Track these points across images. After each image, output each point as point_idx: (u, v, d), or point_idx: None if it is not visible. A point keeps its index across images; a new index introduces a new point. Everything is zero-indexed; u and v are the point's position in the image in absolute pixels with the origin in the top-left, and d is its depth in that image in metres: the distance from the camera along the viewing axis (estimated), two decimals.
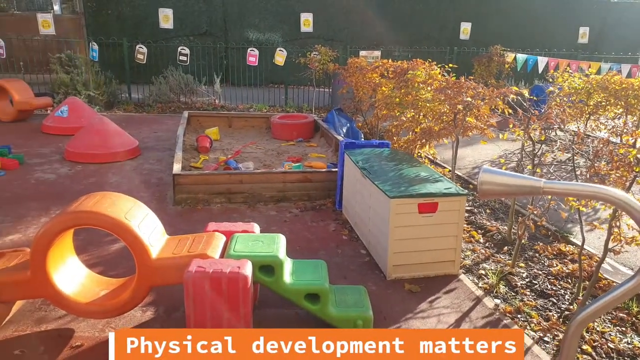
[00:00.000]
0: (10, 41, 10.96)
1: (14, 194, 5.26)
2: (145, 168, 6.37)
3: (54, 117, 8.00)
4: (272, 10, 13.89)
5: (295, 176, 5.37)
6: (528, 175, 2.20)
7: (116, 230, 2.83)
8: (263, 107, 10.72)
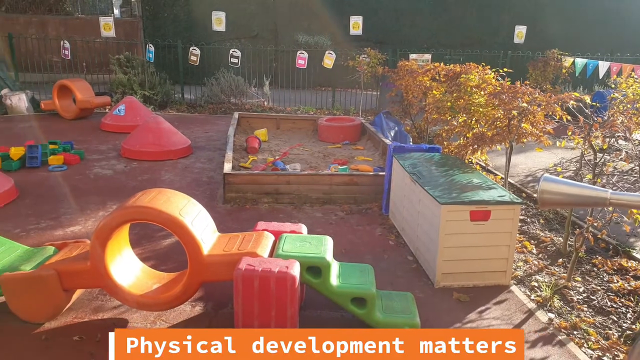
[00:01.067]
0: (74, 43, 11.55)
1: (75, 188, 5.53)
2: (197, 167, 6.54)
3: (112, 116, 8.36)
4: (322, 14, 13.97)
5: (341, 179, 5.36)
6: (592, 185, 2.10)
7: (170, 226, 2.91)
8: (310, 110, 10.79)
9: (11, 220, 4.59)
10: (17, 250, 3.32)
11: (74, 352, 2.84)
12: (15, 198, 5.10)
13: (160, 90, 10.50)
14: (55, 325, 3.07)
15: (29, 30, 13.11)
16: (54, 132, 7.89)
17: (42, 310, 3.05)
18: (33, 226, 4.51)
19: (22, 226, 4.49)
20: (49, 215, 4.77)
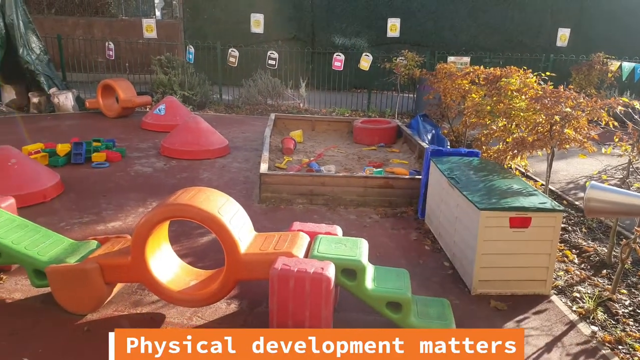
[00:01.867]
0: (118, 44, 11.93)
1: (117, 184, 5.70)
2: (234, 166, 6.64)
3: (152, 115, 8.58)
4: (360, 16, 13.95)
5: (376, 181, 5.33)
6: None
7: (209, 224, 2.96)
8: (345, 112, 10.79)
9: (57, 214, 4.78)
10: (62, 243, 3.45)
11: None
12: (61, 193, 5.31)
13: (199, 90, 10.71)
14: (96, 317, 3.17)
15: (77, 31, 13.63)
16: (98, 130, 8.17)
17: (85, 302, 3.15)
18: (77, 220, 4.67)
19: (67, 220, 4.66)
20: (91, 210, 4.93)
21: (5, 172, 4.91)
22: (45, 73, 9.67)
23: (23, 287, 3.47)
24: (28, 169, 5.10)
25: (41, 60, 9.75)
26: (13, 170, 4.94)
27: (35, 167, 5.25)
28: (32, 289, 3.36)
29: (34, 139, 7.29)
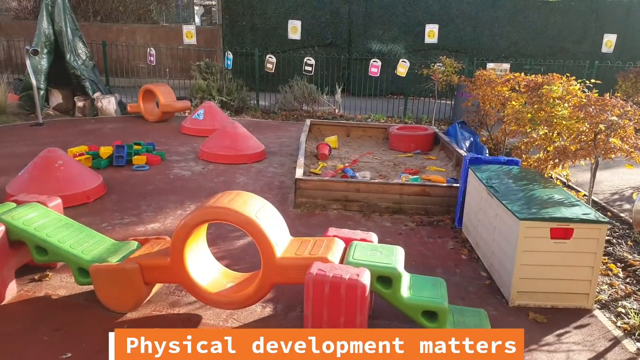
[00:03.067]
0: (159, 50, 12.27)
1: (156, 187, 5.85)
2: (269, 171, 6.71)
3: (191, 120, 8.78)
4: (397, 22, 13.89)
5: (412, 189, 5.28)
6: None
7: (247, 228, 3.00)
8: (381, 118, 10.74)
9: (99, 215, 4.94)
10: (105, 243, 3.56)
11: None
12: (103, 194, 5.49)
13: (236, 96, 10.88)
14: (136, 316, 3.26)
15: (120, 38, 14.12)
16: (138, 134, 8.41)
17: (125, 301, 3.24)
18: (118, 221, 4.82)
19: (109, 221, 4.81)
20: (131, 211, 5.08)
21: (52, 173, 5.11)
22: (90, 78, 10.04)
23: (67, 284, 3.60)
24: (73, 171, 5.29)
25: (87, 66, 10.13)
26: (60, 172, 5.15)
27: (79, 169, 5.45)
28: (76, 286, 3.48)
29: (78, 141, 7.59)
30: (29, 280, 3.62)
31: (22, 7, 14.55)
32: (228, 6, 13.90)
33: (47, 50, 9.59)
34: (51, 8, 9.56)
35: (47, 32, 9.54)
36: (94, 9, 14.78)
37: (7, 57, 13.22)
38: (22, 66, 11.63)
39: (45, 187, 4.78)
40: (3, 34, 13.46)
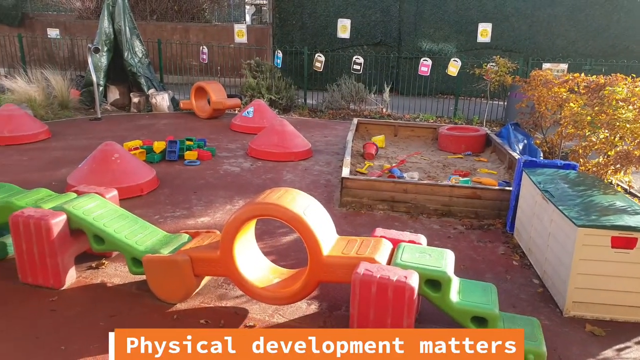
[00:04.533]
0: (211, 48, 12.57)
1: (207, 182, 5.99)
2: (316, 169, 6.73)
3: (241, 117, 8.93)
4: (449, 21, 13.60)
5: (463, 191, 5.15)
6: None
7: (294, 224, 3.01)
8: (430, 118, 10.55)
9: (152, 207, 5.11)
10: (157, 234, 3.67)
11: None
12: (156, 187, 5.67)
13: (285, 94, 10.99)
14: (185, 307, 3.34)
15: (174, 36, 14.55)
16: (190, 130, 8.64)
17: (175, 292, 3.33)
18: (169, 214, 4.96)
19: (161, 213, 4.96)
20: (182, 205, 5.22)
21: (109, 166, 5.33)
22: (145, 75, 10.41)
23: (121, 273, 3.74)
24: (128, 164, 5.50)
25: (143, 63, 10.51)
26: (116, 165, 5.36)
27: (134, 162, 5.65)
28: (129, 275, 3.61)
29: (133, 136, 7.89)
30: (86, 267, 3.79)
31: (85, 8, 15.26)
32: (279, 5, 14.05)
33: (107, 48, 10.02)
34: (112, 8, 9.98)
35: (107, 31, 9.97)
36: (150, 8, 15.30)
37: (71, 54, 13.91)
38: (84, 63, 12.22)
39: (103, 179, 5.00)
40: (67, 33, 14.18)
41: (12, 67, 12.56)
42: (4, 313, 3.20)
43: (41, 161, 6.57)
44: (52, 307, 3.28)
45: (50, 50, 14.23)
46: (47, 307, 3.28)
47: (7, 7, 14.61)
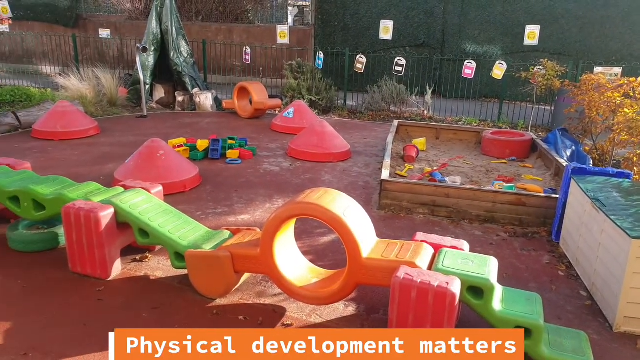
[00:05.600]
0: (254, 49, 12.74)
1: (247, 181, 6.07)
2: (354, 171, 6.70)
3: (281, 117, 9.01)
4: (495, 22, 13.27)
5: (507, 197, 5.00)
6: None
7: (334, 225, 3.00)
8: (473, 121, 10.32)
9: (194, 203, 5.22)
10: (200, 230, 3.75)
11: None
12: (199, 184, 5.79)
13: (325, 95, 11.00)
14: (224, 302, 3.40)
15: (218, 37, 14.83)
16: (232, 129, 8.79)
17: (215, 287, 3.39)
18: (211, 210, 5.06)
19: (203, 210, 5.06)
20: (224, 202, 5.31)
21: (154, 162, 5.48)
22: (190, 74, 10.66)
23: (164, 266, 3.84)
24: (173, 161, 5.64)
25: (187, 63, 10.76)
26: (161, 161, 5.51)
27: (178, 159, 5.79)
28: (172, 269, 3.70)
29: (177, 134, 8.09)
30: (131, 260, 3.90)
31: (135, 9, 15.77)
32: (321, 6, 14.08)
33: (154, 48, 10.32)
34: (160, 9, 10.28)
35: (155, 31, 10.27)
36: (196, 9, 15.65)
37: (120, 54, 14.41)
38: (132, 62, 12.63)
39: (148, 175, 5.14)
40: (117, 33, 14.70)
41: (66, 65, 13.13)
42: (55, 300, 3.34)
43: (91, 156, 6.83)
44: (99, 297, 3.40)
45: (101, 49, 14.78)
46: (95, 296, 3.40)
47: (63, 9, 15.28)
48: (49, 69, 14.10)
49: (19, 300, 3.33)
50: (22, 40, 14.90)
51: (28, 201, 3.89)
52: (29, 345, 2.87)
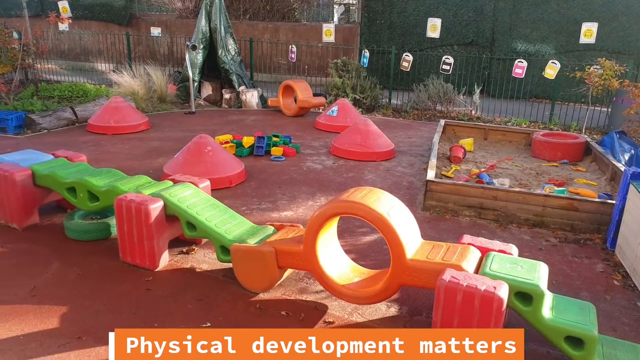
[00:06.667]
0: (300, 47, 12.81)
1: (291, 178, 6.12)
2: (398, 170, 6.63)
3: (325, 116, 9.02)
4: (549, 20, 12.78)
5: (558, 201, 4.81)
6: None
7: (378, 225, 2.98)
8: (523, 122, 10.00)
9: (239, 199, 5.30)
10: (245, 225, 3.81)
11: (280, 325, 3.13)
12: (244, 180, 5.88)
13: (369, 94, 10.93)
14: (267, 297, 3.43)
15: (265, 35, 15.01)
16: (276, 127, 8.88)
17: (259, 282, 3.43)
18: (255, 206, 5.13)
19: (247, 205, 5.14)
20: (268, 198, 5.37)
21: (202, 157, 5.61)
22: (237, 72, 10.84)
23: (209, 259, 3.92)
24: (220, 157, 5.75)
25: (235, 61, 10.95)
26: (208, 157, 5.63)
27: (225, 155, 5.90)
28: (217, 262, 3.78)
29: (224, 130, 8.25)
30: (178, 252, 4.01)
31: (185, 7, 16.18)
32: (368, 4, 14.00)
33: (203, 46, 10.56)
34: (209, 8, 10.50)
35: (204, 29, 10.50)
36: (244, 7, 15.90)
37: (170, 52, 14.84)
38: (181, 60, 12.99)
39: (196, 170, 5.27)
40: (168, 31, 15.14)
41: (120, 62, 13.65)
42: (107, 288, 3.48)
43: (141, 150, 7.07)
44: (148, 287, 3.51)
45: (152, 47, 15.26)
46: (143, 286, 3.52)
47: (118, 9, 15.89)
48: (103, 66, 14.71)
49: (74, 286, 3.49)
50: (80, 38, 15.59)
51: (84, 192, 4.07)
52: (83, 329, 3.00)
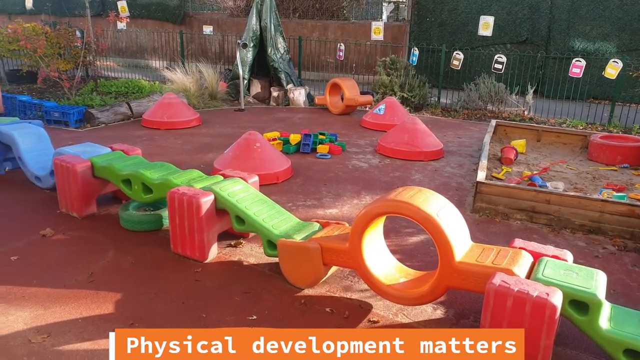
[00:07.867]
0: (348, 45, 12.80)
1: (336, 175, 6.13)
2: (446, 171, 6.51)
3: (372, 114, 8.97)
4: (610, 17, 12.17)
5: (617, 207, 4.58)
6: None
7: (427, 225, 2.93)
8: (579, 124, 9.57)
9: (286, 195, 5.36)
10: (291, 221, 3.85)
11: (325, 321, 3.15)
12: (290, 177, 5.95)
13: (418, 92, 10.78)
14: (312, 293, 3.46)
15: (313, 33, 15.08)
16: (323, 124, 8.91)
17: (304, 278, 3.46)
18: (301, 203, 5.17)
19: (293, 201, 5.19)
20: (313, 195, 5.40)
21: (251, 153, 5.71)
22: (285, 70, 10.96)
23: (256, 253, 3.99)
24: (267, 153, 5.84)
25: (284, 59, 11.07)
26: (257, 153, 5.73)
27: (273, 152, 5.98)
28: (263, 256, 3.84)
29: (271, 127, 8.36)
30: (226, 245, 4.11)
31: (236, 6, 16.51)
32: (418, 2, 13.80)
33: (253, 44, 10.73)
34: (260, 6, 10.66)
35: (254, 27, 10.67)
36: (293, 6, 16.04)
37: (221, 50, 15.17)
38: (232, 58, 13.26)
39: (245, 165, 5.37)
40: (219, 30, 15.49)
41: (173, 60, 14.08)
42: (158, 278, 3.61)
43: (192, 145, 7.28)
44: (197, 278, 3.61)
45: (204, 45, 15.66)
46: (193, 277, 3.63)
47: (172, 7, 16.41)
48: (157, 63, 15.22)
49: (128, 274, 3.64)
50: (137, 36, 16.20)
51: (138, 184, 4.23)
52: (135, 316, 3.12)
